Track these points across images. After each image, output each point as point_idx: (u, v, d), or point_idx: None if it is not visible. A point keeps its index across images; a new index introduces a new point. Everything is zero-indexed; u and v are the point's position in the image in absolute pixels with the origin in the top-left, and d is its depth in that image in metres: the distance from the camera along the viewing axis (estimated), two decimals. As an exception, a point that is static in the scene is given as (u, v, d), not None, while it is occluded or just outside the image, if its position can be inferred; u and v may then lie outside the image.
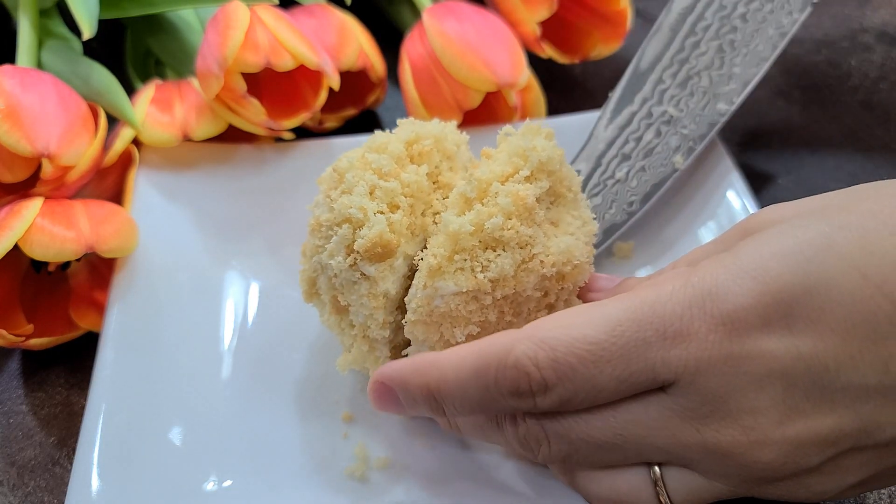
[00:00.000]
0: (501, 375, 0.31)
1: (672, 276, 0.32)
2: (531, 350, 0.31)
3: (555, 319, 0.32)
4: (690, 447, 0.31)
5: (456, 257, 0.36)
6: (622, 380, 0.31)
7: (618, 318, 0.31)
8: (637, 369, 0.30)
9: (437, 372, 0.33)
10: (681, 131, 0.48)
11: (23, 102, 0.43)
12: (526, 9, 0.56)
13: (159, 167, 0.51)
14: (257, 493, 0.38)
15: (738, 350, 0.30)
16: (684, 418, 0.31)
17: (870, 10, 0.70)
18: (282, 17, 0.50)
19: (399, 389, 0.35)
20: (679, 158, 0.48)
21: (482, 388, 0.32)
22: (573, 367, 0.30)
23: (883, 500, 0.41)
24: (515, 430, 0.34)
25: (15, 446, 0.44)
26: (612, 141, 0.48)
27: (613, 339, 0.30)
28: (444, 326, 0.37)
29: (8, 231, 0.41)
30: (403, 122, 0.41)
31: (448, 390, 0.33)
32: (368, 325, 0.38)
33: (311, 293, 0.40)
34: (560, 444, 0.33)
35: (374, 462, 0.40)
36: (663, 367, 0.30)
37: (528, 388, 0.31)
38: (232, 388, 0.43)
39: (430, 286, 0.36)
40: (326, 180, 0.39)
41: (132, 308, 0.45)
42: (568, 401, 0.31)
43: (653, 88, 0.49)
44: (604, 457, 0.33)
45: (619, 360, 0.30)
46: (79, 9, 0.48)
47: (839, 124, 0.61)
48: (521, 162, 0.37)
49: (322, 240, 0.37)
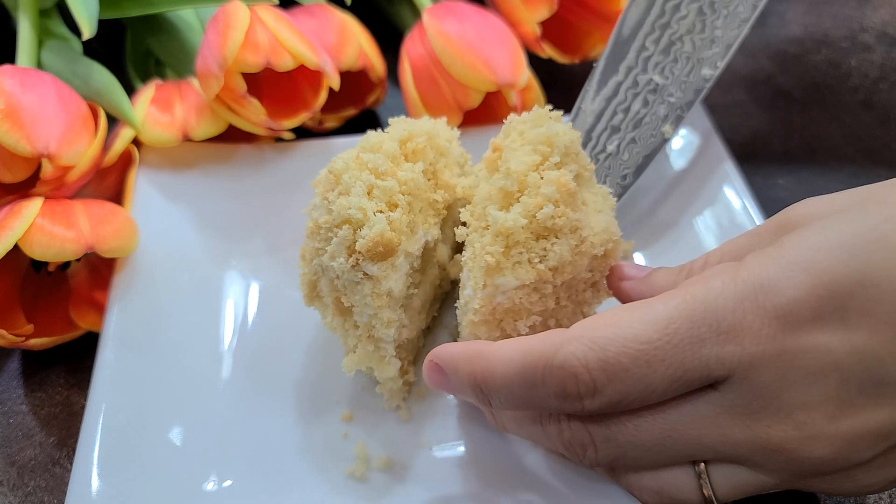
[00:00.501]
0: (549, 375, 0.31)
1: (718, 271, 0.32)
2: (580, 351, 0.30)
3: (603, 319, 0.32)
4: (740, 444, 0.31)
5: (512, 252, 0.36)
6: (675, 378, 0.30)
7: (670, 316, 0.30)
8: (691, 367, 0.30)
9: (486, 363, 0.33)
10: (668, 100, 0.48)
11: (23, 102, 0.43)
12: (526, 9, 0.56)
13: (159, 167, 0.51)
14: (257, 493, 0.38)
15: (791, 344, 0.29)
16: (734, 415, 0.31)
17: (870, 10, 0.70)
18: (282, 17, 0.50)
19: (449, 373, 0.35)
20: (668, 128, 0.48)
21: (528, 385, 0.32)
22: (625, 367, 0.30)
23: (883, 500, 0.40)
24: (560, 433, 0.34)
25: (15, 446, 0.44)
26: (600, 113, 0.48)
27: (667, 338, 0.30)
28: (506, 321, 0.37)
29: (8, 231, 0.41)
30: (395, 120, 0.42)
31: (494, 384, 0.33)
32: (373, 325, 0.38)
33: (312, 296, 0.40)
34: (607, 448, 0.33)
35: (374, 462, 0.40)
36: (717, 364, 0.30)
37: (576, 390, 0.31)
38: (232, 388, 0.43)
39: (490, 284, 0.36)
40: (322, 182, 0.39)
41: (132, 308, 0.45)
42: (618, 402, 0.31)
43: (636, 56, 0.48)
44: (651, 458, 0.33)
45: (673, 358, 0.30)
46: (79, 9, 0.48)
47: (839, 124, 0.61)
48: (548, 149, 0.37)
49: (322, 242, 0.37)
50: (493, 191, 0.37)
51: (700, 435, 0.31)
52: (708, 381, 0.31)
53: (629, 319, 0.31)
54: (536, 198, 0.36)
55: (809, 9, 0.71)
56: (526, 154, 0.37)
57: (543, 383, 0.31)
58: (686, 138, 0.54)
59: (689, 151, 0.53)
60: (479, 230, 0.37)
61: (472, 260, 0.36)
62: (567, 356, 0.31)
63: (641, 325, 0.30)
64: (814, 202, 0.33)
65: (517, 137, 0.39)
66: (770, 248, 0.31)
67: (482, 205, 0.38)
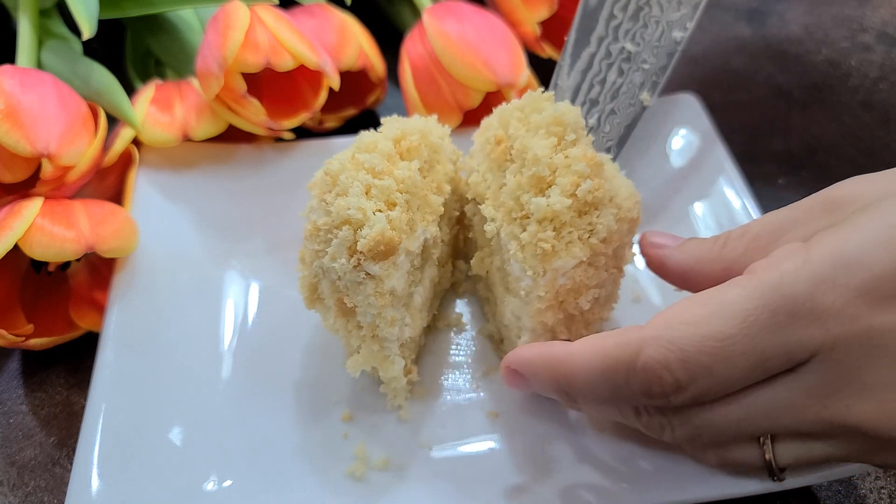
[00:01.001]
0: (633, 379, 0.31)
1: (787, 253, 0.32)
2: (660, 354, 0.31)
3: (677, 316, 0.32)
4: (815, 423, 0.31)
5: (562, 234, 0.36)
6: (755, 367, 0.30)
7: (746, 308, 0.30)
8: (771, 355, 0.30)
9: (566, 369, 0.33)
10: (642, 66, 0.48)
11: (23, 102, 0.43)
12: (526, 9, 0.56)
13: (159, 167, 0.51)
14: (257, 493, 0.39)
15: (878, 322, 0.29)
16: (811, 396, 0.31)
17: (870, 10, 0.70)
18: (282, 17, 0.50)
19: (529, 377, 0.36)
20: (646, 95, 0.48)
21: (612, 388, 0.32)
22: (706, 365, 0.30)
23: (884, 500, 0.41)
24: (638, 417, 0.34)
25: (15, 446, 0.44)
26: (577, 88, 0.48)
27: (745, 331, 0.30)
28: (567, 301, 0.38)
29: (8, 231, 0.41)
30: (387, 120, 0.42)
31: (578, 387, 0.33)
32: (377, 325, 0.38)
33: (312, 299, 0.40)
34: (684, 429, 0.33)
35: (374, 462, 0.40)
36: (798, 348, 0.30)
37: (661, 390, 0.31)
38: (232, 388, 0.43)
39: (550, 270, 0.36)
40: (318, 184, 0.38)
41: (132, 308, 0.45)
42: (701, 396, 0.31)
43: (606, 25, 0.48)
44: (725, 440, 0.33)
45: (753, 349, 0.30)
46: (79, 9, 0.48)
47: (839, 124, 0.61)
48: (559, 128, 0.38)
49: (321, 244, 0.37)
50: (522, 181, 0.38)
51: (776, 418, 0.32)
52: (788, 366, 0.31)
53: (705, 316, 0.31)
54: (571, 176, 0.36)
55: (809, 9, 0.71)
56: (542, 138, 0.38)
57: (627, 384, 0.32)
58: (686, 138, 0.54)
59: (689, 151, 0.53)
60: (516, 222, 0.38)
61: (523, 251, 0.37)
62: (647, 360, 0.31)
63: (718, 320, 0.30)
64: (861, 181, 0.33)
65: (519, 125, 0.40)
66: (840, 227, 0.31)
67: (512, 197, 0.38)
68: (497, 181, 0.41)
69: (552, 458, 0.39)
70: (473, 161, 0.43)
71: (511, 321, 0.41)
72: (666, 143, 0.54)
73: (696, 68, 0.66)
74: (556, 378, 0.34)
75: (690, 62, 0.66)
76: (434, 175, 0.42)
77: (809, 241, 0.32)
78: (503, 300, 0.42)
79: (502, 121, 0.41)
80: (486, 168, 0.42)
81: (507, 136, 0.40)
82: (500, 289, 0.42)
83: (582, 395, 0.34)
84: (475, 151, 0.44)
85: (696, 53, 0.67)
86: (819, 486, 0.41)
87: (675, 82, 0.64)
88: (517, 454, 0.40)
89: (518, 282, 0.38)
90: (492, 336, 0.45)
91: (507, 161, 0.40)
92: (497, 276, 0.43)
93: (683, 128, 0.54)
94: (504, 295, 0.42)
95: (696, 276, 0.37)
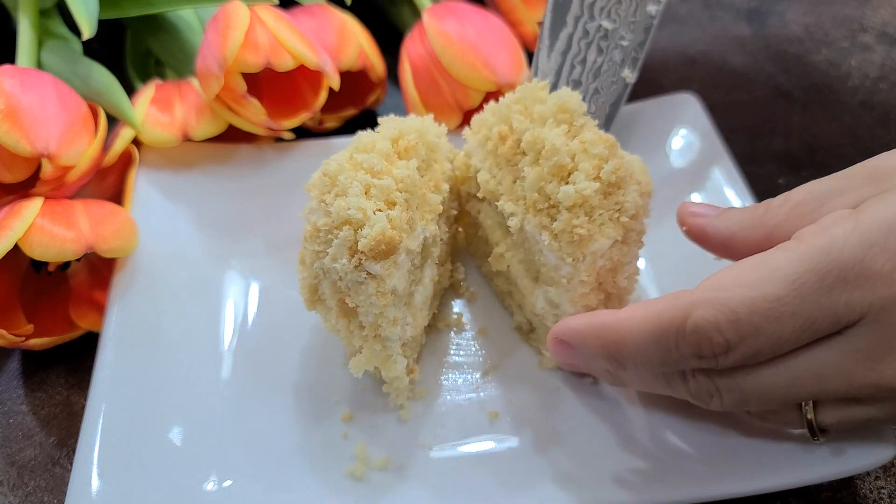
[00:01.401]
0: (682, 341, 0.32)
1: (836, 219, 0.32)
2: (711, 315, 0.31)
3: (727, 279, 0.32)
4: (862, 386, 0.31)
5: (594, 217, 0.37)
6: (804, 329, 0.31)
7: (796, 271, 0.31)
8: (819, 317, 0.31)
9: (616, 335, 0.34)
10: (620, 44, 0.48)
11: (23, 102, 0.43)
12: (526, 9, 0.56)
13: (159, 167, 0.51)
14: (257, 493, 0.38)
15: None
16: (859, 359, 0.31)
17: (870, 10, 0.70)
18: (282, 17, 0.50)
19: (578, 347, 0.36)
20: (627, 72, 0.48)
21: (663, 351, 0.33)
22: (756, 326, 0.31)
23: (884, 500, 0.41)
24: (686, 386, 0.35)
25: (15, 446, 0.44)
26: (558, 70, 0.48)
27: (795, 292, 0.31)
28: (606, 282, 0.39)
29: (8, 231, 0.41)
30: (384, 119, 0.42)
31: (628, 352, 0.34)
32: (379, 324, 0.38)
33: (313, 300, 0.40)
34: (732, 397, 0.34)
35: (374, 462, 0.40)
36: (846, 311, 0.31)
37: (711, 351, 0.32)
38: (232, 388, 0.43)
39: (589, 254, 0.37)
40: (317, 185, 0.38)
41: (132, 308, 0.45)
42: (750, 357, 0.32)
43: (581, 4, 0.48)
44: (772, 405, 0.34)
45: (802, 311, 0.31)
46: (79, 9, 0.48)
47: (839, 124, 0.61)
48: (566, 115, 0.39)
49: (321, 245, 0.37)
50: (543, 172, 0.38)
51: (823, 381, 0.32)
52: (836, 329, 0.31)
53: (755, 279, 0.31)
54: (592, 160, 0.37)
55: (809, 9, 0.71)
56: (552, 127, 0.39)
57: (678, 347, 0.32)
58: (686, 138, 0.54)
59: (689, 151, 0.53)
60: (542, 213, 0.38)
61: (558, 240, 0.37)
62: (698, 321, 0.31)
63: (768, 283, 0.31)
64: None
65: (522, 119, 0.40)
66: (890, 194, 0.32)
67: (535, 189, 0.38)
68: (509, 176, 0.41)
69: (552, 457, 0.39)
70: (474, 160, 0.43)
71: (544, 310, 0.41)
72: (666, 143, 0.54)
73: (696, 68, 0.66)
74: (606, 345, 0.34)
75: (690, 62, 0.66)
76: (432, 174, 0.42)
77: (858, 208, 0.32)
78: (531, 291, 0.42)
79: (501, 116, 0.41)
80: (491, 165, 0.42)
81: (511, 131, 0.41)
82: (527, 280, 0.43)
83: (632, 361, 0.34)
84: (473, 150, 0.44)
85: (696, 53, 0.67)
86: (819, 486, 0.41)
87: (675, 82, 0.64)
88: (517, 454, 0.40)
89: (557, 270, 0.39)
90: (520, 327, 0.46)
91: (518, 155, 0.40)
92: (521, 269, 0.43)
93: (683, 128, 0.54)
94: (532, 285, 0.42)
95: (737, 243, 0.37)
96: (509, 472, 0.39)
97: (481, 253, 0.48)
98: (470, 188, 0.46)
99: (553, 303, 0.40)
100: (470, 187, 0.46)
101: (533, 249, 0.40)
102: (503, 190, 0.41)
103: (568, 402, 0.42)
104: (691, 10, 0.72)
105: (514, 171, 0.41)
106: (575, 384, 0.43)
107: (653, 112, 0.54)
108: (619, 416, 0.41)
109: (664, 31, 0.69)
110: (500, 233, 0.44)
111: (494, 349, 0.45)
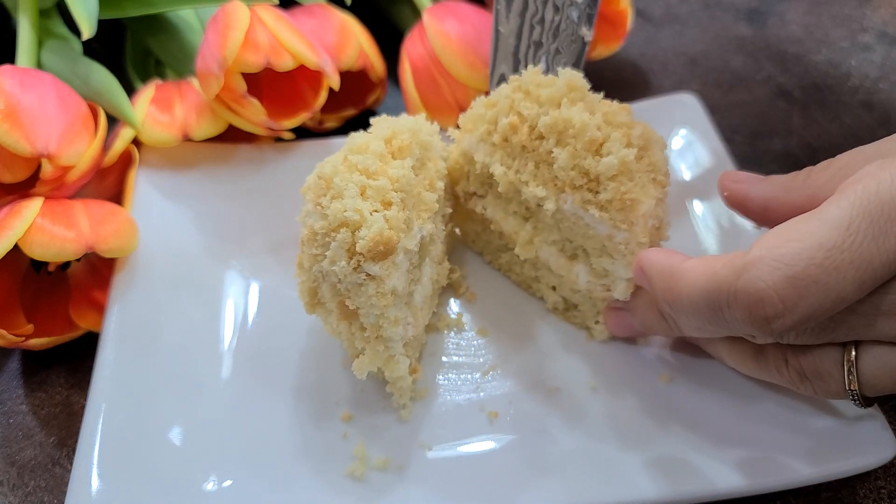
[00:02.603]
0: (733, 300, 0.31)
1: (882, 165, 0.31)
2: (766, 273, 0.30)
3: (779, 237, 0.31)
4: None
5: (635, 180, 0.38)
6: (864, 280, 0.30)
7: (849, 216, 0.30)
8: (878, 263, 0.30)
9: (674, 283, 0.34)
10: (575, 1, 0.48)
11: (23, 102, 0.43)
12: (526, 9, 0.56)
13: (159, 167, 0.51)
14: (257, 493, 0.38)
15: None
16: None
17: (870, 10, 0.70)
18: (282, 17, 0.50)
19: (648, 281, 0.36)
20: (585, 30, 0.48)
21: (713, 310, 0.32)
22: (815, 278, 0.30)
23: (884, 500, 0.41)
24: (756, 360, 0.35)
25: (15, 446, 0.44)
26: (518, 31, 0.48)
27: (850, 238, 0.30)
28: (653, 241, 0.40)
29: (8, 231, 0.41)
30: (376, 120, 0.42)
31: (681, 305, 0.34)
32: (381, 325, 0.38)
33: (313, 304, 0.40)
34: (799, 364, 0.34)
35: (373, 462, 0.40)
36: None
37: (763, 313, 0.30)
38: (232, 388, 0.43)
39: (640, 217, 0.38)
40: (313, 189, 0.38)
41: (132, 308, 0.45)
42: (809, 319, 0.31)
43: None
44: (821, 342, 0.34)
45: (860, 258, 0.30)
46: (79, 9, 0.48)
47: (839, 124, 0.61)
48: (577, 93, 0.40)
49: (319, 248, 0.37)
50: (575, 150, 0.39)
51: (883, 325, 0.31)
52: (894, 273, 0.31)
53: (807, 231, 0.30)
54: (620, 129, 0.39)
55: (809, 9, 0.71)
56: (569, 106, 0.40)
57: (729, 307, 0.31)
58: (686, 138, 0.54)
59: (689, 151, 0.53)
60: (581, 189, 0.39)
61: (608, 211, 0.38)
62: (751, 279, 0.30)
63: (823, 231, 0.30)
64: None
65: (531, 104, 0.41)
66: None
67: (569, 167, 0.39)
68: (530, 163, 0.41)
69: (551, 457, 0.39)
70: (477, 156, 0.43)
71: (590, 283, 0.42)
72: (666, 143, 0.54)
73: (696, 68, 0.66)
74: (667, 288, 0.34)
75: (690, 62, 0.66)
76: (426, 172, 0.42)
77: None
78: (569, 269, 0.43)
79: (502, 108, 0.41)
80: (502, 157, 0.42)
81: (521, 119, 0.41)
82: (562, 260, 0.44)
83: (683, 314, 0.34)
84: (473, 147, 0.44)
85: (696, 53, 0.67)
86: (819, 486, 0.41)
87: (675, 82, 0.64)
88: (517, 454, 0.40)
89: (611, 240, 0.39)
90: (556, 308, 0.46)
91: (536, 140, 0.41)
92: (552, 251, 0.44)
93: (683, 128, 0.54)
94: (568, 264, 0.43)
95: (779, 205, 0.37)
96: (509, 472, 0.39)
97: (494, 248, 0.48)
98: (466, 187, 0.46)
99: (600, 274, 0.42)
100: (466, 186, 0.46)
101: (573, 228, 0.41)
102: (526, 177, 0.42)
103: (567, 402, 0.42)
104: (691, 10, 0.72)
105: (535, 157, 0.41)
106: (574, 385, 0.43)
107: (653, 112, 0.54)
108: (618, 416, 0.41)
109: (664, 31, 0.69)
110: (516, 222, 0.44)
111: (494, 349, 0.45)
